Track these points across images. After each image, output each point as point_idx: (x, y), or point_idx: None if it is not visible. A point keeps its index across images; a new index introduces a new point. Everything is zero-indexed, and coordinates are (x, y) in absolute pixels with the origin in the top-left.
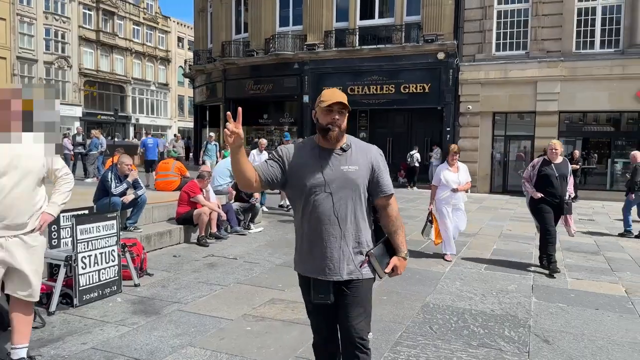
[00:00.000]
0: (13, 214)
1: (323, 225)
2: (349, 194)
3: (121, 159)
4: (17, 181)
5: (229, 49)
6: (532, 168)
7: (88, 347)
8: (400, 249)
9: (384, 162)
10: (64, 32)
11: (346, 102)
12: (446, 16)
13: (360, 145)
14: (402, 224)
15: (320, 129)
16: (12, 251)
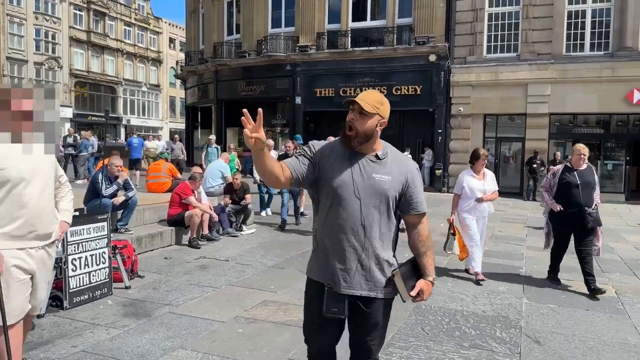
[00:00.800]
0: (42, 222)
1: (346, 232)
2: (377, 204)
3: (111, 161)
4: (41, 188)
5: (220, 50)
6: (552, 176)
7: (78, 350)
8: (428, 272)
9: (420, 178)
10: (54, 32)
11: (373, 104)
12: (437, 18)
13: (398, 157)
14: (432, 246)
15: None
16: (40, 263)
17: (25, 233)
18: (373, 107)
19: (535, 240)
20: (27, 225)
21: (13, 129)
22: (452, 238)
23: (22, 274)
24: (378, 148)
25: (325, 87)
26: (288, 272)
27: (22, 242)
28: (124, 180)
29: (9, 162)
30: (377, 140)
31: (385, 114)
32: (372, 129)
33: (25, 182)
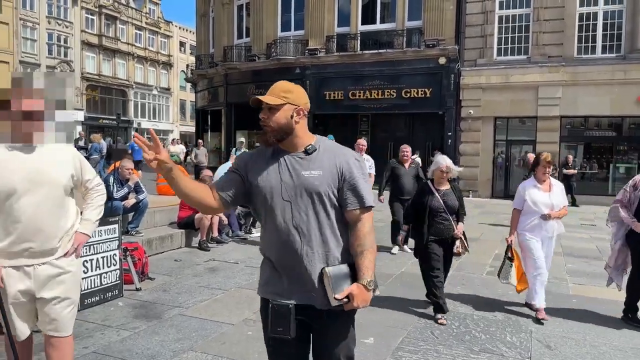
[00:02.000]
0: (40, 238)
1: (282, 241)
2: (309, 204)
3: (122, 163)
4: (42, 198)
5: (230, 54)
6: (632, 189)
7: (89, 352)
8: (362, 275)
9: (360, 169)
10: (66, 36)
11: (279, 94)
12: (447, 21)
13: (330, 148)
14: (373, 246)
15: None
16: (41, 280)
17: (19, 250)
18: (280, 98)
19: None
20: (21, 241)
21: (13, 131)
22: (508, 263)
23: (15, 297)
24: (305, 143)
25: (334, 90)
26: None
27: (16, 259)
28: (134, 182)
29: (0, 172)
30: (303, 133)
31: (298, 101)
32: (286, 120)
33: (19, 194)
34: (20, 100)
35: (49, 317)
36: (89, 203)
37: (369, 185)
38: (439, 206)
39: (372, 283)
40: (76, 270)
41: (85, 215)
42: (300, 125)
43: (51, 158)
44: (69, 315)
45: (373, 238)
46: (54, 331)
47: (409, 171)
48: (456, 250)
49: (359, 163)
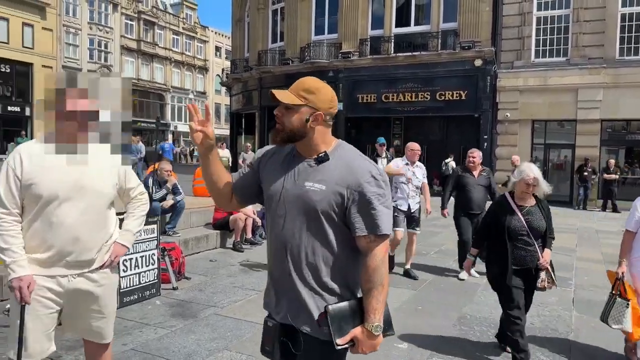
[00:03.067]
0: (78, 248)
1: (274, 254)
2: (304, 221)
3: (161, 165)
4: (84, 207)
5: (265, 58)
6: None
7: (128, 349)
8: (368, 318)
9: (377, 187)
10: (107, 41)
11: (298, 92)
12: (484, 23)
13: (345, 159)
14: (383, 282)
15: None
16: (76, 293)
17: (55, 259)
18: (299, 97)
19: (585, 251)
20: (58, 250)
21: (62, 133)
22: (621, 302)
23: (43, 307)
24: (321, 149)
25: (367, 93)
26: None
27: (51, 269)
28: (172, 184)
29: (42, 176)
30: (320, 139)
31: (319, 104)
32: (299, 123)
33: (59, 200)
34: (75, 100)
35: (84, 329)
36: (130, 213)
37: (387, 209)
38: (521, 227)
39: (379, 328)
40: (112, 284)
41: (126, 225)
42: (317, 130)
43: (97, 165)
44: (103, 326)
45: (384, 272)
46: (92, 338)
47: (478, 180)
48: (540, 285)
49: (377, 181)
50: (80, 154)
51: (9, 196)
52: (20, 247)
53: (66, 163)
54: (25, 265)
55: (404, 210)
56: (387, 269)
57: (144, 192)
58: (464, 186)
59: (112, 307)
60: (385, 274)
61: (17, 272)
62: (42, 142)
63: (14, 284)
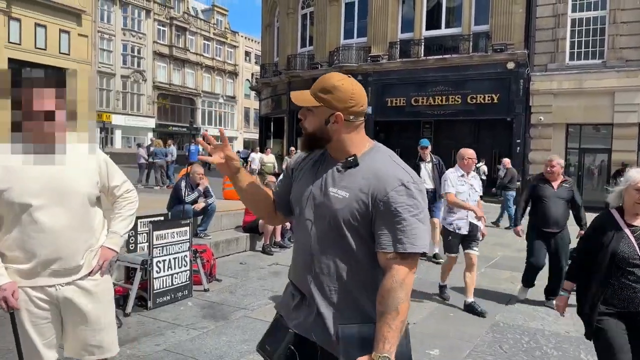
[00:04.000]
0: (62, 255)
1: (296, 260)
2: (327, 229)
3: (194, 169)
4: (63, 211)
5: (294, 62)
6: None
7: (161, 349)
8: (377, 346)
9: (409, 199)
10: (139, 47)
11: (316, 92)
12: (516, 25)
13: (377, 164)
14: (398, 308)
15: None
16: (66, 303)
17: (38, 268)
18: (315, 97)
19: None
20: (40, 258)
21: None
22: None
23: (37, 318)
24: (352, 152)
25: (396, 97)
26: None
27: (36, 279)
28: (204, 187)
29: (15, 180)
30: (348, 141)
31: (336, 104)
32: (319, 125)
33: (37, 205)
34: (39, 100)
35: (78, 343)
36: (117, 213)
37: (419, 223)
38: (632, 254)
39: (384, 359)
40: (104, 290)
41: (113, 227)
42: (341, 132)
43: (74, 164)
44: (102, 338)
45: (401, 297)
46: (93, 354)
47: (558, 192)
48: None
49: (409, 190)
50: (52, 155)
51: None
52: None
53: (38, 166)
54: (4, 273)
55: (464, 233)
56: (407, 293)
57: (131, 190)
58: (540, 199)
59: (110, 316)
60: (403, 299)
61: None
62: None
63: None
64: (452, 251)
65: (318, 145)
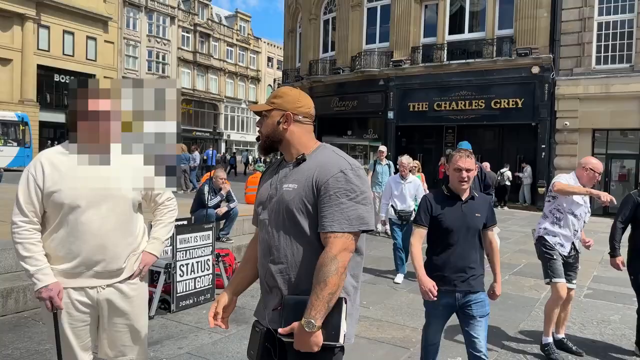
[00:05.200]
0: (107, 257)
1: (259, 258)
2: (282, 222)
3: (216, 173)
4: (108, 214)
5: (315, 68)
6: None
7: (184, 352)
8: (306, 312)
9: (345, 186)
10: (164, 53)
11: (269, 100)
12: (541, 29)
13: (321, 158)
14: (325, 281)
15: None
16: (105, 305)
17: (82, 269)
18: (268, 104)
19: None
20: (84, 259)
21: (84, 139)
22: None
23: (75, 320)
24: (302, 151)
25: (418, 102)
26: (380, 288)
27: (78, 280)
28: (226, 192)
29: (64, 183)
30: (297, 141)
31: (287, 105)
32: (272, 127)
33: (83, 208)
34: (95, 101)
35: (112, 344)
36: (158, 220)
37: (358, 206)
38: None
39: (311, 325)
40: (141, 295)
41: (154, 233)
42: (292, 132)
43: (121, 170)
44: (133, 344)
45: (329, 270)
46: (120, 356)
47: None
48: None
49: (346, 175)
50: (103, 160)
51: (28, 204)
52: (42, 255)
53: (89, 169)
54: (49, 272)
55: (565, 254)
56: (337, 269)
57: (172, 198)
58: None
59: (144, 320)
60: (333, 272)
61: (43, 281)
62: (65, 149)
63: (43, 294)
64: (556, 275)
65: (273, 147)
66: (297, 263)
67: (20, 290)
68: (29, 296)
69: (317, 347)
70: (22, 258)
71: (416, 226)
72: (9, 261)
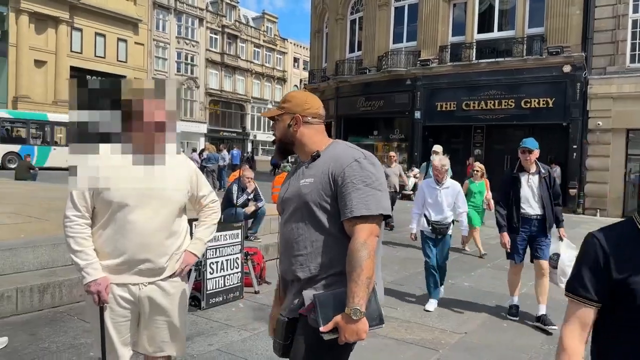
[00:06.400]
0: (150, 256)
1: (280, 252)
2: (301, 216)
3: (244, 173)
4: (154, 214)
5: (342, 68)
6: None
7: (214, 349)
8: (348, 301)
9: (360, 171)
10: (193, 55)
11: (279, 105)
12: (573, 27)
13: (334, 152)
14: (362, 265)
15: None
16: (146, 302)
17: (126, 267)
18: (278, 109)
19: None
20: (129, 257)
21: (133, 140)
22: None
23: (117, 315)
24: (314, 150)
25: (446, 101)
26: (407, 289)
27: (122, 276)
28: (252, 190)
29: (116, 180)
30: (310, 141)
31: (295, 108)
32: (284, 130)
33: (130, 207)
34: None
35: (151, 339)
36: (202, 221)
37: (372, 190)
38: None
39: (358, 312)
40: (179, 293)
41: (197, 234)
42: (304, 133)
43: (169, 172)
44: (171, 341)
45: (362, 255)
46: (158, 352)
47: None
48: None
49: (360, 164)
50: (151, 161)
51: (81, 200)
52: (92, 250)
53: (136, 170)
54: (98, 267)
55: None
56: (369, 252)
57: (216, 200)
58: None
59: (183, 317)
60: (366, 257)
61: (93, 275)
62: (116, 148)
63: (91, 288)
64: None
65: (288, 149)
66: (316, 254)
67: (56, 285)
68: (64, 291)
69: (365, 334)
70: (72, 251)
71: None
72: (45, 257)
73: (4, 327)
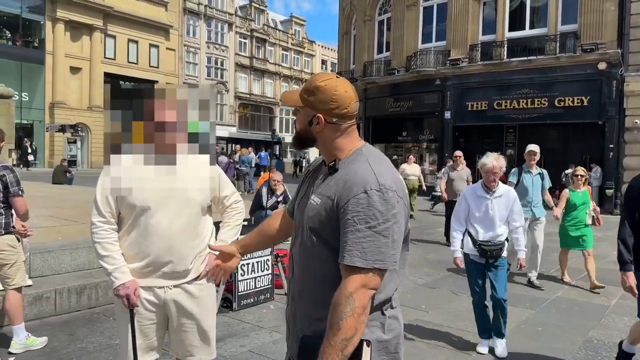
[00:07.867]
0: (174, 258)
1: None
2: (304, 240)
3: (272, 176)
4: (177, 216)
5: (370, 69)
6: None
7: (246, 350)
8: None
9: (366, 211)
10: (222, 59)
11: (301, 93)
12: (608, 23)
13: (349, 170)
14: (338, 324)
15: None
16: (172, 305)
17: (151, 270)
18: (300, 97)
19: None
20: (154, 260)
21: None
22: None
23: (143, 318)
24: (340, 156)
25: (477, 101)
26: (439, 292)
27: (147, 279)
28: (282, 192)
29: (139, 185)
30: (332, 144)
31: (318, 105)
32: (302, 126)
33: (153, 209)
34: (163, 111)
35: (180, 344)
36: (226, 222)
37: (377, 237)
38: None
39: None
40: (208, 296)
41: (221, 235)
42: (325, 136)
43: (190, 173)
44: (200, 345)
45: (344, 312)
46: (188, 356)
47: None
48: None
49: (370, 198)
50: (171, 163)
51: (105, 205)
52: (119, 254)
53: (158, 172)
54: (126, 271)
55: None
56: (353, 309)
57: (240, 201)
58: None
59: (211, 320)
60: (348, 314)
61: (121, 279)
62: (138, 152)
63: (120, 292)
64: None
65: (306, 144)
66: (315, 288)
67: (93, 287)
68: (101, 293)
69: None
70: (100, 257)
71: None
72: (82, 259)
73: (44, 327)
